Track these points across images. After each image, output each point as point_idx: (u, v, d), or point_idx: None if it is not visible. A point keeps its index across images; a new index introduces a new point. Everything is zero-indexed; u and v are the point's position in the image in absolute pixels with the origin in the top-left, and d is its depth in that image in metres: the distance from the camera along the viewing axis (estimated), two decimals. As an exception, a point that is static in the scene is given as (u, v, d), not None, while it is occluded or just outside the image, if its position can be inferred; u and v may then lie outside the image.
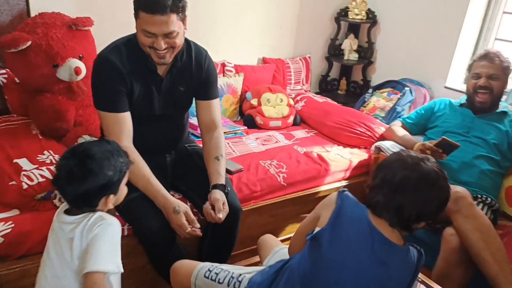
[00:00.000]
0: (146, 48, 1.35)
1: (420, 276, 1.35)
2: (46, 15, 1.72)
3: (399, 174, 0.96)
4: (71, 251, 1.01)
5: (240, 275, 1.14)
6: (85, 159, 1.00)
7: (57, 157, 1.56)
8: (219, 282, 1.14)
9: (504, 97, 2.12)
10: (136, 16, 1.30)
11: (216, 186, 1.43)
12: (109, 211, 1.10)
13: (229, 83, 2.43)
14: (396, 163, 0.99)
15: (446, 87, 2.43)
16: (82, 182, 0.99)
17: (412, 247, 1.01)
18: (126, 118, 1.41)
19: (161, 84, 1.47)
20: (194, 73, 1.50)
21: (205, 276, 1.17)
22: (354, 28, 2.93)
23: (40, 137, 1.70)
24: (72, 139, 1.76)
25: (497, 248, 1.43)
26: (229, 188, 1.48)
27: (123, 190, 1.11)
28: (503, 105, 1.89)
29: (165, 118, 1.54)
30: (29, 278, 1.31)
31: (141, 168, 1.39)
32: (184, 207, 1.37)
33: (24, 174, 1.43)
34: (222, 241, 1.55)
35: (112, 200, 1.08)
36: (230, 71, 2.49)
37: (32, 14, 1.84)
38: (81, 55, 1.75)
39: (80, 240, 1.01)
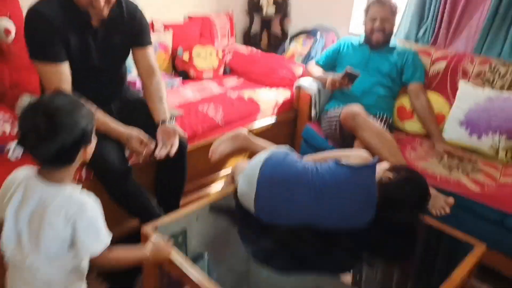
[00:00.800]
0: (83, 5, 1.41)
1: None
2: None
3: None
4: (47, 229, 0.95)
5: None
6: (53, 113, 0.90)
7: (3, 114, 1.63)
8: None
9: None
10: None
11: (164, 121, 1.61)
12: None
13: (159, 41, 2.56)
14: None
15: (350, 33, 2.82)
16: (55, 139, 0.90)
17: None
18: (64, 67, 1.46)
19: (96, 35, 1.53)
20: (128, 24, 1.60)
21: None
22: (269, -17, 3.18)
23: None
24: (12, 100, 1.81)
25: (391, 145, 1.86)
26: (174, 119, 1.65)
27: (93, 141, 1.03)
28: (392, 41, 2.31)
29: (103, 69, 1.63)
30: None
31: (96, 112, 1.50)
32: (136, 131, 1.53)
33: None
34: (174, 171, 1.74)
35: (89, 152, 1.01)
36: (159, 29, 2.61)
37: None
38: (9, 14, 1.77)
39: (64, 226, 0.95)
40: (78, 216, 0.95)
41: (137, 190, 1.64)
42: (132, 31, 1.64)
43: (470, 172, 1.85)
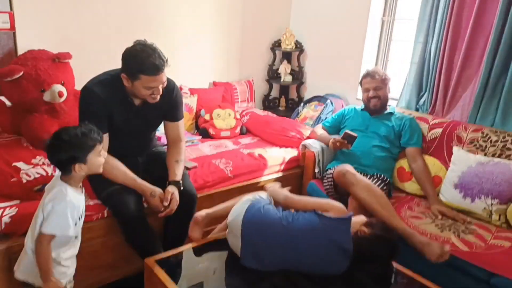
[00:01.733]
0: (144, 97, 1.73)
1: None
2: (34, 52, 2.17)
3: None
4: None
5: None
6: (57, 137, 1.39)
7: (47, 160, 1.96)
8: None
9: (395, 103, 2.80)
10: (134, 77, 1.66)
11: (170, 183, 1.85)
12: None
13: (185, 103, 2.93)
14: None
15: (357, 99, 3.08)
16: (53, 154, 1.39)
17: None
18: (105, 138, 1.69)
19: (137, 112, 1.85)
20: (165, 100, 1.85)
21: None
22: (286, 56, 3.58)
23: (31, 147, 2.10)
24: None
25: (380, 197, 1.99)
26: (181, 182, 1.88)
27: (93, 162, 1.43)
28: (390, 107, 2.54)
29: (138, 134, 1.97)
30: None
31: (119, 167, 1.80)
32: (158, 191, 1.80)
33: (23, 172, 1.83)
34: (182, 221, 1.93)
35: (84, 169, 1.41)
36: (186, 93, 3.00)
37: (20, 52, 2.27)
38: (63, 81, 2.19)
39: (46, 201, 1.40)
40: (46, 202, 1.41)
41: (150, 234, 1.87)
42: (168, 106, 1.92)
43: (461, 233, 1.93)
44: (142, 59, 1.63)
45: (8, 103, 2.22)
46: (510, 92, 2.23)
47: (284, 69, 3.51)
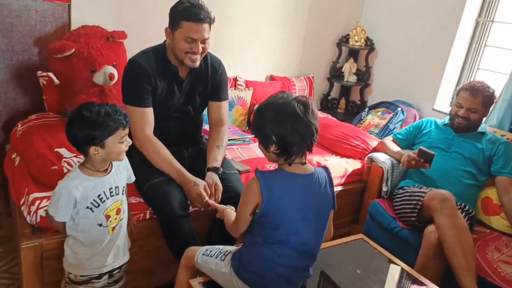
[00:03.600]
0: (182, 53, 1.60)
1: (405, 268, 1.56)
2: (88, 28, 2.00)
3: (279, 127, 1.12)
4: None
5: (227, 250, 1.34)
6: (78, 111, 1.22)
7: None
8: (210, 256, 1.34)
9: (484, 119, 2.39)
10: (176, 26, 1.57)
11: (209, 169, 1.67)
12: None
13: (239, 96, 2.69)
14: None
15: (434, 109, 2.69)
16: (69, 129, 1.22)
17: (317, 168, 1.22)
18: (149, 112, 1.66)
19: (182, 84, 1.73)
20: (210, 76, 1.76)
21: (203, 254, 1.38)
22: (353, 53, 3.23)
23: (75, 132, 1.95)
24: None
25: (468, 245, 1.65)
26: (222, 170, 1.70)
27: (113, 148, 1.24)
28: (482, 127, 2.15)
29: (183, 115, 1.79)
30: (63, 250, 1.53)
31: (164, 154, 1.65)
32: (202, 182, 1.60)
33: (64, 161, 1.66)
34: None
35: (101, 153, 1.23)
36: (241, 85, 2.75)
37: (73, 27, 2.11)
38: (115, 63, 2.01)
39: None
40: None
41: (192, 238, 1.65)
42: (213, 84, 1.79)
43: None
44: (185, 6, 1.56)
45: (56, 81, 2.07)
46: None
47: (349, 67, 3.18)
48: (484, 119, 2.36)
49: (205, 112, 1.93)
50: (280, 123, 1.12)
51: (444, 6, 2.62)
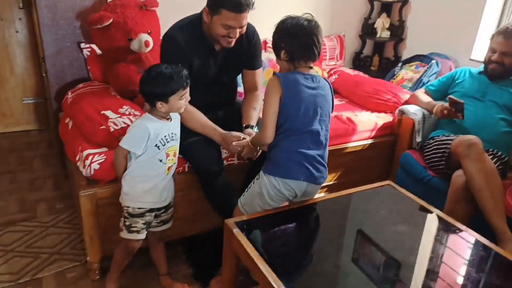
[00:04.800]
0: (219, 36, 1.63)
1: (434, 210, 1.60)
2: (123, -2, 2.12)
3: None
4: None
5: (257, 176, 1.55)
6: (148, 71, 1.47)
7: (133, 110, 1.95)
8: (247, 191, 1.58)
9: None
10: (216, 11, 1.57)
11: (247, 126, 1.77)
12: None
13: (269, 58, 2.74)
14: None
15: (471, 59, 2.59)
16: (141, 85, 1.48)
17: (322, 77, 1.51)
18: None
19: (216, 57, 1.78)
20: (245, 46, 1.78)
21: (242, 196, 1.59)
22: (386, 8, 3.14)
23: (118, 97, 2.11)
24: (142, 100, 2.15)
25: (496, 187, 1.66)
26: (256, 128, 1.77)
27: (174, 104, 1.47)
28: (517, 72, 2.06)
29: (218, 83, 1.87)
30: (117, 197, 1.70)
31: (197, 117, 1.75)
32: (235, 132, 1.70)
33: (110, 121, 1.83)
34: None
35: (165, 107, 1.47)
36: (270, 47, 2.79)
37: (109, -1, 2.25)
38: (149, 31, 2.12)
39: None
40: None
41: (227, 190, 1.79)
42: (248, 53, 1.83)
43: None
44: None
45: (98, 51, 2.24)
46: None
47: (382, 23, 3.10)
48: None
49: (239, 76, 1.99)
50: (286, 32, 1.42)
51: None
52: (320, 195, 1.87)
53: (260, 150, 1.70)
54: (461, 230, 1.48)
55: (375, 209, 1.67)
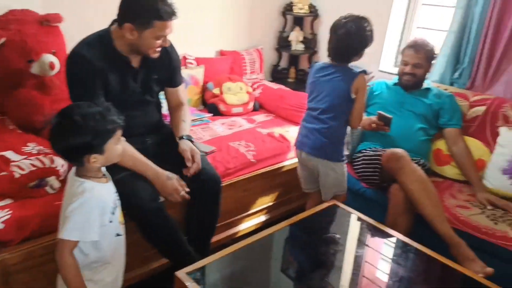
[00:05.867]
0: (150, 49, 1.51)
1: (377, 225, 1.65)
2: (17, 12, 1.77)
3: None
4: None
5: None
6: (66, 116, 1.09)
7: (41, 148, 1.63)
8: None
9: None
10: (146, 25, 1.45)
11: (182, 137, 1.65)
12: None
13: (191, 75, 2.59)
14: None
15: (380, 71, 2.80)
16: (59, 139, 1.09)
17: (357, 69, 1.80)
18: None
19: (136, 75, 1.61)
20: (164, 62, 1.68)
21: None
22: (299, 21, 3.23)
23: (19, 131, 1.75)
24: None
25: (433, 194, 1.78)
26: (193, 137, 1.71)
27: (112, 151, 1.15)
28: (427, 83, 2.28)
29: (142, 103, 1.69)
30: (34, 259, 1.41)
31: (126, 149, 1.48)
32: (174, 175, 1.55)
33: (14, 165, 1.49)
34: (207, 209, 1.71)
35: (100, 160, 1.13)
36: (191, 63, 2.64)
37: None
38: (54, 51, 1.81)
39: (64, 205, 1.14)
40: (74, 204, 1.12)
41: (170, 226, 1.60)
42: (168, 70, 1.72)
43: (516, 225, 1.76)
44: (154, 3, 1.43)
45: (-13, 76, 1.83)
46: None
47: (295, 36, 3.17)
48: (428, 75, 2.52)
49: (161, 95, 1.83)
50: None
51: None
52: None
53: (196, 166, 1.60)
54: (405, 243, 1.55)
55: (327, 230, 1.66)
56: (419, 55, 2.12)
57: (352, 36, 1.74)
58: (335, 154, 1.83)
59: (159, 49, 1.55)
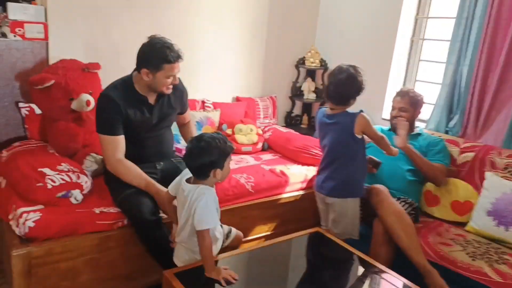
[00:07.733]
0: (163, 87, 1.86)
1: (359, 254, 1.78)
2: (65, 61, 2.22)
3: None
4: (184, 210, 1.53)
5: None
6: (201, 140, 1.47)
7: (71, 167, 1.98)
8: None
9: (424, 124, 2.72)
10: (158, 68, 1.79)
11: None
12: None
13: (208, 117, 2.94)
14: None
15: (382, 119, 3.01)
16: (196, 157, 1.47)
17: (355, 112, 1.99)
18: (119, 139, 1.86)
19: (152, 109, 1.95)
20: (177, 99, 2.04)
21: None
22: (310, 73, 3.56)
23: (56, 154, 2.13)
24: (81, 157, 2.18)
25: (407, 225, 1.91)
26: None
27: (227, 168, 1.53)
28: (419, 129, 2.46)
29: (156, 133, 2.02)
30: (53, 256, 1.69)
31: (135, 170, 1.85)
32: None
33: (48, 178, 1.84)
34: None
35: (219, 174, 1.50)
36: (209, 107, 3.00)
37: (51, 61, 2.33)
38: (91, 91, 2.22)
39: (189, 205, 1.50)
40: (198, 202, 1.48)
41: (167, 238, 1.83)
42: (180, 105, 2.10)
43: (494, 263, 1.83)
44: (164, 50, 1.78)
45: (38, 110, 2.27)
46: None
47: (307, 86, 3.49)
48: (424, 124, 2.71)
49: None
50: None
51: (382, 28, 3.00)
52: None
53: None
54: (386, 272, 1.67)
55: (304, 255, 1.82)
56: (404, 100, 2.35)
57: (351, 79, 1.96)
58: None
59: (171, 86, 1.90)
